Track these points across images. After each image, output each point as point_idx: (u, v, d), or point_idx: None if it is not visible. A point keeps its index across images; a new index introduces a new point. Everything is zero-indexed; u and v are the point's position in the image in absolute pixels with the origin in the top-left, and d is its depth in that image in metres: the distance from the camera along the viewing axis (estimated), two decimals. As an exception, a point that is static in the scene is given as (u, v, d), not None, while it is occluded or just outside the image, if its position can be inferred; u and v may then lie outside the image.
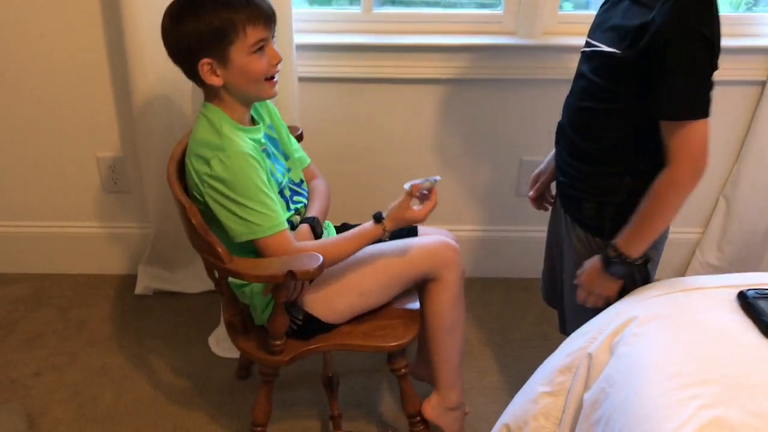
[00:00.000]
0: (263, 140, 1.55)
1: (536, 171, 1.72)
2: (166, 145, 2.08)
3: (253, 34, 1.41)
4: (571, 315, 1.60)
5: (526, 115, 2.22)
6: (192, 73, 1.44)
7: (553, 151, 1.66)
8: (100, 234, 2.42)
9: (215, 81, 1.43)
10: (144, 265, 2.39)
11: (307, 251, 1.42)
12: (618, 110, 1.35)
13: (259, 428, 1.71)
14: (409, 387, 1.71)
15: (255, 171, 1.41)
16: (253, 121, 1.57)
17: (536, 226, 2.42)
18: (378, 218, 1.53)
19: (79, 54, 2.11)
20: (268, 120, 1.64)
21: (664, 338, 1.18)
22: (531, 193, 1.72)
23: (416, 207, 1.53)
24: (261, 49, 1.43)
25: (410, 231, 1.75)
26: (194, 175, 1.44)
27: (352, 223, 1.79)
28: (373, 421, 1.97)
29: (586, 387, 1.28)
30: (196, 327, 2.29)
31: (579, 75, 1.44)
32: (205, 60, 1.41)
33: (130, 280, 2.46)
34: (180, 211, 1.46)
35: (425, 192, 1.53)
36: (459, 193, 2.36)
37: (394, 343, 1.60)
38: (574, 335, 1.38)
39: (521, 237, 2.44)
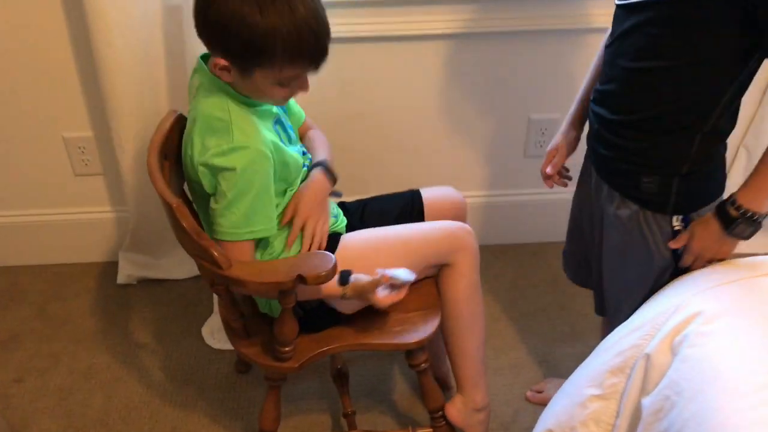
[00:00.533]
0: (274, 109, 1.39)
1: (552, 144, 1.54)
2: (141, 121, 1.88)
3: (289, 71, 1.24)
4: (615, 298, 1.45)
5: (534, 70, 2.03)
6: (204, 43, 1.26)
7: (567, 120, 1.50)
8: (73, 221, 2.22)
9: (224, 77, 1.26)
10: (125, 252, 2.20)
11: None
12: (697, 62, 1.17)
13: (268, 436, 1.56)
14: (430, 382, 1.57)
15: (259, 179, 1.28)
16: None
17: (544, 189, 2.26)
18: (344, 280, 1.36)
19: (35, 23, 1.87)
20: None
21: (740, 340, 1.03)
22: (548, 169, 1.53)
23: (383, 292, 1.37)
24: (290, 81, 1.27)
25: (414, 195, 1.63)
26: (195, 153, 1.29)
27: (349, 200, 1.64)
28: (388, 412, 1.83)
29: (644, 391, 1.14)
30: (187, 317, 2.12)
31: (626, 32, 1.24)
32: (222, 62, 1.23)
33: (111, 268, 2.27)
34: (166, 210, 1.27)
35: (396, 284, 1.37)
36: (464, 157, 2.19)
37: (414, 340, 1.45)
38: (622, 331, 1.23)
39: (529, 200, 2.28)
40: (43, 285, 2.23)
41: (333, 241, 1.46)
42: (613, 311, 1.45)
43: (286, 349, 1.37)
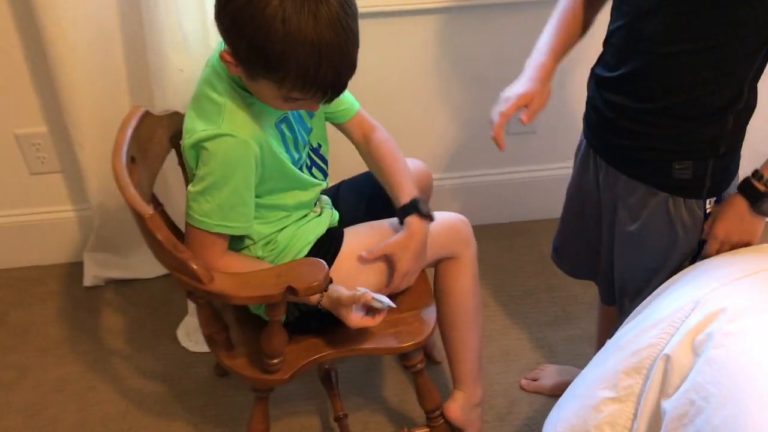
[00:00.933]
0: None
1: (521, 90, 1.22)
2: (101, 116, 1.75)
3: (298, 94, 1.12)
4: (632, 288, 1.38)
5: (517, 44, 1.93)
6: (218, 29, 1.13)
7: (538, 68, 1.25)
8: (31, 222, 2.08)
9: (231, 70, 1.15)
10: (90, 252, 2.07)
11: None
12: (736, 39, 1.08)
13: (258, 449, 1.47)
14: (427, 382, 1.49)
15: (241, 172, 1.17)
16: None
17: (528, 166, 2.20)
18: None
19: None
20: None
21: (772, 340, 0.96)
22: (522, 116, 1.21)
23: (358, 312, 1.28)
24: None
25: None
26: (184, 135, 1.21)
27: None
28: (380, 410, 1.75)
29: (664, 393, 1.07)
30: (160, 319, 2.00)
31: (646, 12, 1.14)
32: (230, 57, 1.12)
33: (76, 269, 2.13)
34: (138, 222, 1.16)
35: (375, 308, 1.29)
36: (446, 135, 2.09)
37: (410, 343, 1.36)
38: (636, 328, 1.16)
39: (514, 178, 2.20)
40: (3, 291, 2.09)
41: (334, 238, 1.37)
42: (629, 301, 1.38)
43: (275, 361, 1.28)
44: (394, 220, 1.39)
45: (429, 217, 1.36)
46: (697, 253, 1.27)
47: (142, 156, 1.31)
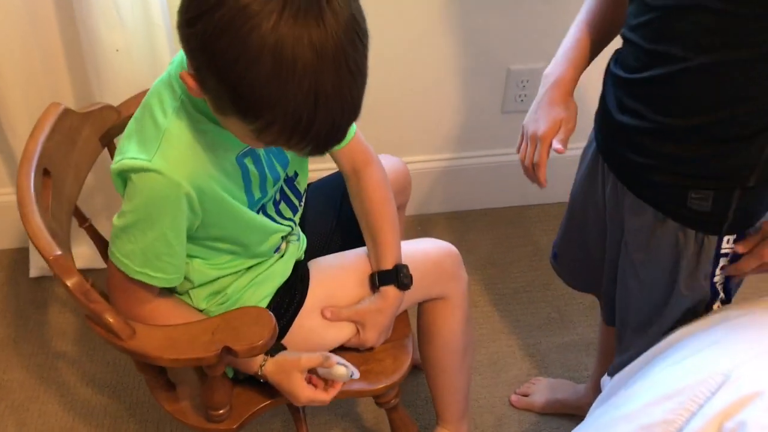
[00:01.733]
0: None
1: (544, 128, 1.08)
2: (35, 98, 1.51)
3: (276, 144, 0.87)
4: (628, 321, 1.19)
5: (514, 13, 1.69)
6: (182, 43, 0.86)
7: (562, 77, 1.10)
8: (-31, 205, 1.87)
9: (193, 92, 0.88)
10: (35, 240, 1.86)
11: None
12: None
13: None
14: (402, 417, 1.31)
15: (169, 217, 0.95)
16: None
17: (525, 146, 1.97)
18: (274, 349, 1.08)
19: None
20: None
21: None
22: (555, 144, 1.07)
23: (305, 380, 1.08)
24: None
25: None
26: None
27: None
28: (352, 429, 1.58)
29: (680, 482, 0.88)
30: (113, 317, 1.81)
31: (682, 8, 0.90)
32: (186, 76, 0.86)
33: (21, 256, 1.93)
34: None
35: (334, 375, 1.09)
36: (433, 114, 1.87)
37: (382, 385, 1.17)
38: (644, 396, 0.97)
39: (507, 161, 1.98)
40: (-60, 282, 1.89)
41: (298, 281, 1.17)
42: (632, 332, 1.19)
43: (220, 412, 1.08)
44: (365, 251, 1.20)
45: (407, 287, 1.16)
46: (711, 301, 1.07)
47: (62, 165, 1.10)
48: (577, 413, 1.59)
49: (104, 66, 1.34)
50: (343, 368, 1.08)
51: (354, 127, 1.16)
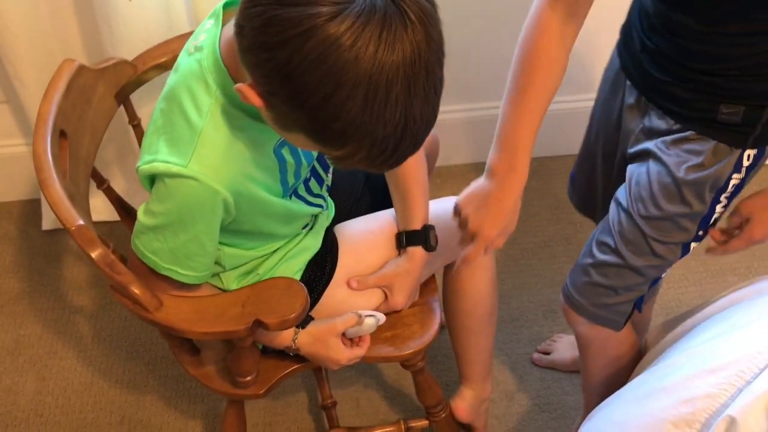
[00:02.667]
0: None
1: (484, 233, 1.03)
2: (42, 47, 1.46)
3: (351, 165, 0.81)
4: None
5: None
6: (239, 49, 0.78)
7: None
8: (-22, 156, 1.82)
9: (253, 100, 0.79)
10: (47, 193, 1.82)
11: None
12: None
13: (233, 448, 1.29)
14: (427, 379, 1.29)
15: (205, 222, 0.91)
16: None
17: (549, 96, 1.91)
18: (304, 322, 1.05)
19: None
20: None
21: None
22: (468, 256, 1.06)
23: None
24: None
25: None
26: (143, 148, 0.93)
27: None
28: (374, 396, 1.57)
29: (722, 459, 0.87)
30: (129, 271, 1.78)
31: None
32: (255, 97, 0.78)
33: (34, 208, 1.89)
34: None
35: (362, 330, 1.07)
36: (451, 64, 1.79)
37: (409, 351, 1.15)
38: (685, 368, 0.94)
39: (530, 111, 1.92)
40: (-49, 234, 1.87)
41: (327, 253, 1.13)
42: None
43: (247, 378, 1.06)
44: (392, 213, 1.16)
45: (434, 249, 1.14)
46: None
47: (78, 125, 1.05)
48: None
49: (116, 18, 1.28)
50: (371, 318, 1.07)
51: None
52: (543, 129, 2.04)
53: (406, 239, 1.13)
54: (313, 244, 1.11)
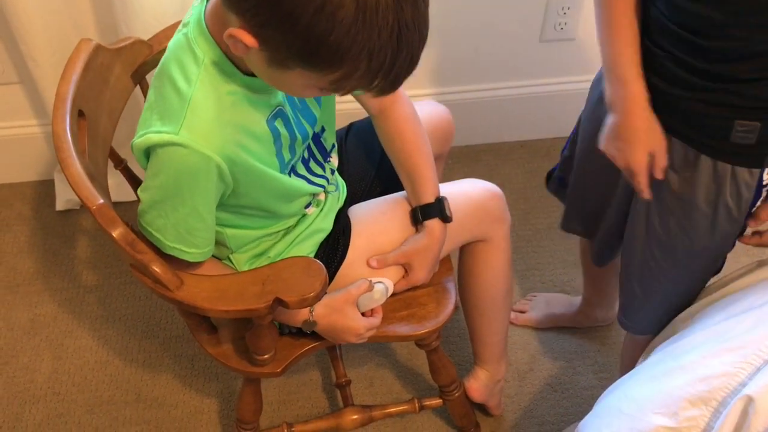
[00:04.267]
0: (279, 96, 0.96)
1: (642, 153, 1.00)
2: (55, 25, 1.46)
3: (349, 88, 0.80)
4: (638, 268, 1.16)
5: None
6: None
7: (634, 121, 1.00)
8: (-8, 137, 1.83)
9: (233, 48, 0.81)
10: (61, 173, 1.82)
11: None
12: None
13: (248, 426, 1.30)
14: (441, 358, 1.30)
15: (201, 191, 0.90)
16: None
17: (561, 77, 1.90)
18: None
19: None
20: None
21: None
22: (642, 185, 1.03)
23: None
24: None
25: None
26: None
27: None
28: (388, 375, 1.58)
29: (740, 437, 0.87)
30: (143, 251, 1.79)
31: None
32: (246, 37, 0.78)
33: (47, 189, 1.90)
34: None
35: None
36: (467, 44, 1.79)
37: (425, 330, 1.15)
38: (702, 347, 0.95)
39: (544, 91, 1.91)
40: (-33, 215, 1.88)
41: (340, 234, 1.13)
42: (637, 283, 1.16)
43: (265, 357, 1.07)
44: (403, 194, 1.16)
45: (450, 220, 1.13)
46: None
47: (96, 105, 1.05)
48: (573, 326, 1.63)
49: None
50: (380, 285, 1.08)
51: None
52: (555, 110, 2.05)
53: (422, 213, 1.13)
54: (324, 225, 1.11)
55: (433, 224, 1.11)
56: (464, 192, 1.20)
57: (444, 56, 1.79)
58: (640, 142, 0.99)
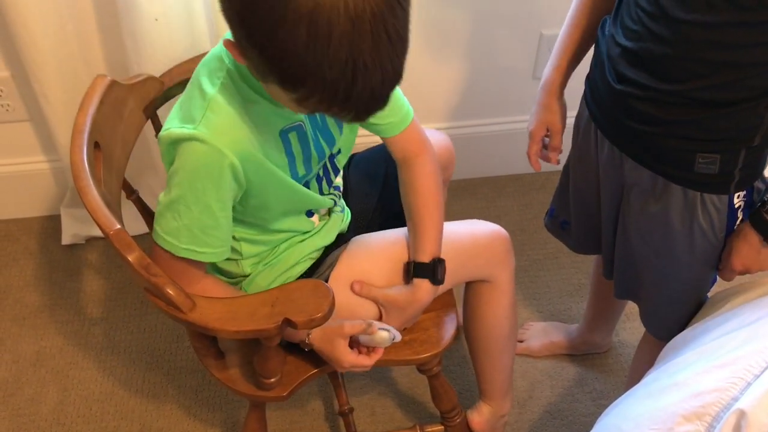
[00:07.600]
0: (301, 115, 1.02)
1: (536, 122, 1.27)
2: (66, 63, 1.51)
3: (318, 111, 0.86)
4: (642, 280, 1.21)
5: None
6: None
7: (549, 83, 1.23)
8: (1, 174, 1.87)
9: (238, 59, 0.87)
10: (67, 208, 1.87)
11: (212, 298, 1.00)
12: None
13: (255, 453, 1.32)
14: (443, 384, 1.33)
15: (214, 188, 0.94)
16: None
17: (555, 112, 1.96)
18: None
19: None
20: None
21: None
22: (551, 155, 1.31)
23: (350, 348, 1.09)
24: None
25: None
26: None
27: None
28: (389, 402, 1.60)
29: (733, 451, 0.90)
30: (147, 284, 1.82)
31: None
32: (230, 45, 0.86)
33: (53, 224, 1.94)
34: (104, 233, 0.95)
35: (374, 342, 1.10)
36: (463, 80, 1.85)
37: (426, 354, 1.18)
38: (696, 364, 0.98)
39: (537, 126, 1.97)
40: (-26, 250, 1.91)
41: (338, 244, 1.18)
42: (647, 290, 1.22)
43: (271, 380, 1.10)
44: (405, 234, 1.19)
45: (441, 284, 1.15)
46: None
47: (111, 138, 1.10)
48: (571, 352, 1.67)
49: (142, 35, 1.33)
50: (385, 332, 1.08)
51: (411, 116, 1.15)
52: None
53: (414, 270, 1.13)
54: (326, 236, 1.16)
55: (422, 283, 1.12)
56: (470, 232, 1.22)
57: (440, 92, 1.85)
58: (539, 115, 1.25)
